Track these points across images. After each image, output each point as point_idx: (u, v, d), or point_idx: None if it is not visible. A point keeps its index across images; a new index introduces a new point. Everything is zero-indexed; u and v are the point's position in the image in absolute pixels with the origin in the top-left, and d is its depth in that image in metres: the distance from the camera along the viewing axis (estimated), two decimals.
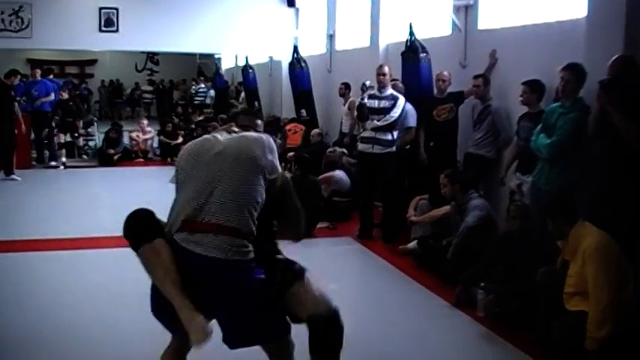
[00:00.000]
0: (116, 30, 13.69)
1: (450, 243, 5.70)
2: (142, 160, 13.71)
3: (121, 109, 25.83)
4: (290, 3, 14.26)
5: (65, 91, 12.59)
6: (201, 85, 19.17)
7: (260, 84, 15.29)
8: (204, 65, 22.99)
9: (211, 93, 18.61)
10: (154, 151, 14.24)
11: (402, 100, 6.92)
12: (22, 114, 11.09)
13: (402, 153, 7.19)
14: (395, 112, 6.84)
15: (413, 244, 6.32)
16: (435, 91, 7.30)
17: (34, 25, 13.21)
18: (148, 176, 11.49)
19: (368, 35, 10.01)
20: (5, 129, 10.49)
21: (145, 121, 14.64)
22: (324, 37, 12.45)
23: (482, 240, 5.33)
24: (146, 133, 14.16)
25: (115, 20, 13.64)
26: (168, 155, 13.19)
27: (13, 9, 13.13)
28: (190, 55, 23.06)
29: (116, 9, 13.58)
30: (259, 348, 3.09)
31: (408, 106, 7.08)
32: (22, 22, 13.18)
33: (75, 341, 4.29)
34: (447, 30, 7.93)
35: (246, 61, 15.43)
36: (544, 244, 4.37)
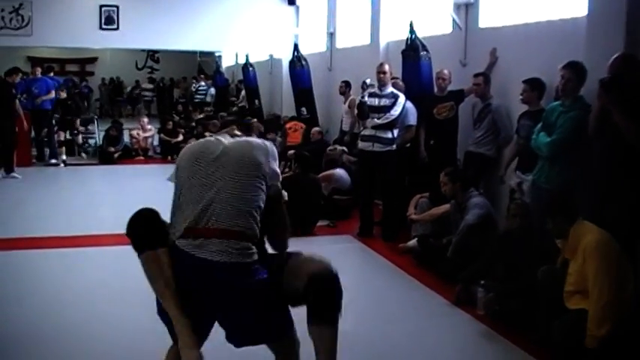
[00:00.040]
0: (116, 28, 13.69)
1: (450, 241, 5.70)
2: (142, 158, 13.71)
3: (122, 107, 25.87)
4: (290, 1, 14.25)
5: (63, 90, 12.57)
6: (202, 83, 19.18)
7: (260, 82, 15.27)
8: (204, 63, 22.99)
9: (212, 91, 18.62)
10: (154, 149, 14.24)
11: (402, 99, 6.91)
12: (22, 112, 11.10)
13: (402, 151, 7.19)
14: (395, 111, 6.84)
15: (413, 242, 6.32)
16: (436, 90, 7.30)
17: (34, 23, 13.20)
18: (148, 174, 11.49)
19: (368, 33, 10.00)
20: (7, 127, 10.50)
21: (146, 119, 14.63)
22: (324, 35, 12.43)
23: (482, 238, 5.33)
24: (146, 131, 14.16)
25: (116, 18, 13.64)
26: (168, 153, 13.21)
27: (13, 6, 13.13)
28: (191, 53, 23.04)
29: (116, 7, 13.59)
30: (264, 346, 3.09)
31: (408, 105, 7.08)
32: (23, 20, 13.17)
33: (75, 339, 4.29)
34: (447, 28, 7.92)
35: (247, 59, 15.41)
36: (544, 242, 4.37)
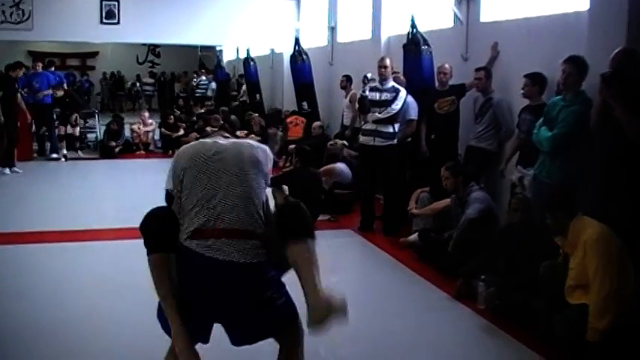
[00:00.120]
0: (117, 22, 13.67)
1: (451, 236, 5.70)
2: (143, 153, 13.70)
3: (122, 101, 25.84)
4: None
5: (60, 89, 12.45)
6: (203, 78, 19.15)
7: (261, 76, 15.25)
8: (205, 57, 22.96)
9: (212, 85, 18.59)
10: (155, 144, 14.23)
11: (403, 93, 6.90)
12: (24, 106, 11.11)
13: (403, 145, 7.18)
14: (396, 105, 6.83)
15: (414, 236, 6.32)
16: (437, 84, 7.29)
17: (34, 17, 13.18)
18: (149, 169, 11.49)
19: (369, 27, 9.98)
20: (10, 122, 10.49)
21: (146, 114, 14.61)
22: (325, 30, 12.40)
23: (483, 233, 5.33)
24: (147, 125, 14.14)
25: (116, 12, 13.62)
26: (169, 148, 13.18)
27: (13, 0, 13.11)
28: (192, 48, 23.05)
29: (117, 1, 13.58)
30: (265, 344, 3.07)
31: (409, 99, 7.07)
32: (23, 14, 13.15)
33: (75, 333, 4.31)
34: (448, 22, 7.90)
35: (248, 54, 15.38)
36: (545, 237, 4.36)
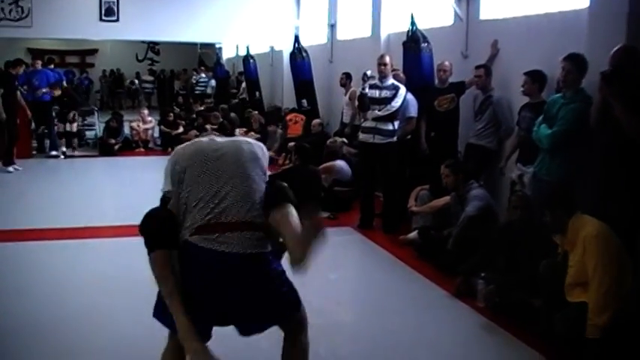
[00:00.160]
0: (117, 19, 13.64)
1: (451, 233, 5.70)
2: (142, 150, 13.70)
3: (122, 98, 25.81)
4: None
5: (57, 88, 12.40)
6: (202, 75, 19.14)
7: (261, 74, 15.24)
8: (205, 55, 22.93)
9: (212, 83, 18.57)
10: (154, 141, 14.22)
11: (403, 90, 6.90)
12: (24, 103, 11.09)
13: (403, 143, 7.18)
14: (396, 102, 6.83)
15: (413, 234, 6.33)
16: (437, 82, 7.29)
17: (34, 14, 13.15)
18: (148, 166, 11.47)
19: (369, 25, 9.97)
20: (11, 119, 10.47)
21: (146, 111, 14.60)
22: (325, 27, 12.38)
23: (482, 230, 5.33)
24: (147, 122, 14.13)
25: (116, 9, 13.58)
26: (169, 145, 13.16)
27: None
28: (191, 45, 22.98)
29: None
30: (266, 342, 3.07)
31: (409, 96, 7.07)
32: (22, 11, 13.11)
33: (75, 330, 4.31)
34: (448, 20, 7.89)
35: (247, 51, 15.37)
36: (545, 234, 4.36)
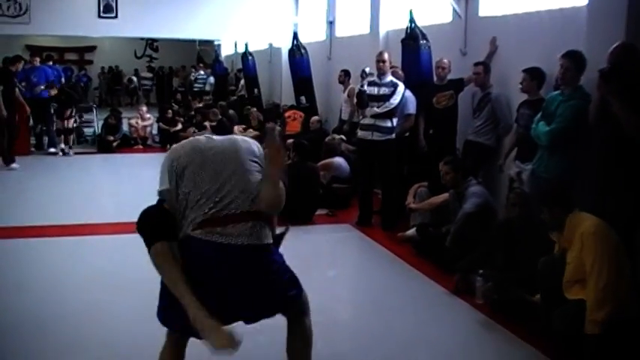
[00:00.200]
0: (115, 16, 13.64)
1: (449, 230, 5.69)
2: (141, 147, 13.70)
3: (120, 95, 25.78)
4: None
5: (53, 88, 12.35)
6: (201, 72, 19.12)
7: (259, 71, 15.22)
8: (203, 52, 22.91)
9: (211, 80, 18.55)
10: (153, 138, 14.21)
11: (401, 87, 6.89)
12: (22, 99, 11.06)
13: (401, 140, 7.18)
14: (394, 99, 6.82)
15: (412, 231, 6.32)
16: (435, 79, 7.28)
17: (32, 11, 13.15)
18: (146, 163, 11.45)
19: (368, 22, 9.96)
20: (11, 117, 10.44)
21: (144, 108, 14.58)
22: (324, 24, 12.37)
23: (480, 227, 5.33)
24: (145, 119, 14.12)
25: (114, 6, 13.59)
26: (167, 142, 13.16)
27: None
28: (190, 42, 22.97)
29: None
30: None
31: (407, 93, 7.06)
32: (20, 8, 13.11)
33: (75, 327, 4.31)
34: (447, 17, 7.89)
35: (246, 48, 15.34)
36: (543, 231, 4.36)
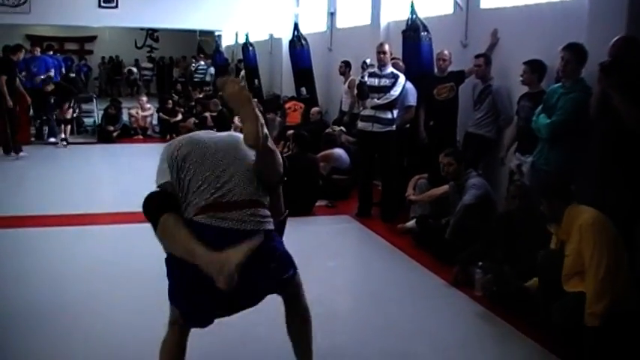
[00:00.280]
0: (115, 6, 13.60)
1: (449, 222, 5.70)
2: (141, 137, 13.69)
3: (121, 85, 25.73)
4: None
5: (50, 84, 12.28)
6: (201, 63, 19.07)
7: (260, 62, 15.20)
8: (204, 42, 22.87)
9: (211, 70, 18.51)
10: (153, 128, 14.20)
11: (402, 79, 6.89)
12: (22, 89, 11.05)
13: (401, 132, 7.17)
14: (395, 91, 6.82)
15: (412, 223, 6.34)
16: (436, 70, 7.28)
17: (32, 0, 13.10)
18: (146, 153, 11.43)
19: (369, 13, 9.93)
20: (12, 107, 10.43)
21: (145, 98, 14.55)
22: (324, 15, 12.34)
23: (480, 219, 5.34)
24: (145, 110, 14.10)
25: None
26: (167, 132, 13.19)
27: None
28: (190, 32, 22.94)
29: None
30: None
31: (408, 85, 7.06)
32: None
33: (74, 316, 4.32)
34: (448, 9, 7.86)
35: (247, 39, 15.32)
36: (543, 224, 4.37)
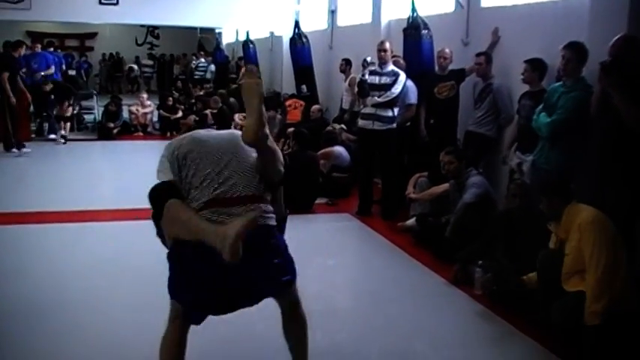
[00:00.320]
0: (116, 3, 13.59)
1: (449, 221, 5.70)
2: (141, 134, 13.70)
3: (121, 82, 25.72)
4: None
5: (47, 84, 12.24)
6: (202, 60, 19.06)
7: (261, 59, 15.20)
8: (204, 40, 22.85)
9: (212, 68, 18.50)
10: (153, 125, 14.20)
11: (402, 77, 6.88)
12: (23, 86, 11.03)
13: (402, 130, 7.17)
14: (396, 89, 6.81)
15: (412, 221, 6.33)
16: (437, 69, 7.27)
17: None
18: (146, 150, 11.46)
19: (370, 11, 9.93)
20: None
21: (145, 95, 14.56)
22: (325, 13, 12.34)
23: (480, 218, 5.33)
24: (145, 107, 14.09)
25: None
26: (168, 129, 13.20)
27: None
28: (191, 30, 22.90)
29: None
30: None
31: (409, 83, 7.05)
32: None
33: (74, 313, 4.32)
34: (449, 7, 7.86)
35: (247, 36, 15.32)
36: (543, 222, 4.37)
